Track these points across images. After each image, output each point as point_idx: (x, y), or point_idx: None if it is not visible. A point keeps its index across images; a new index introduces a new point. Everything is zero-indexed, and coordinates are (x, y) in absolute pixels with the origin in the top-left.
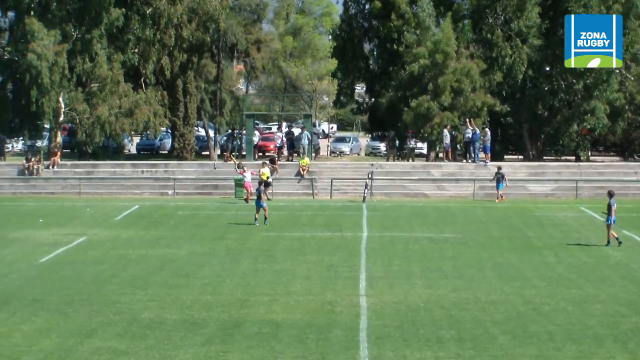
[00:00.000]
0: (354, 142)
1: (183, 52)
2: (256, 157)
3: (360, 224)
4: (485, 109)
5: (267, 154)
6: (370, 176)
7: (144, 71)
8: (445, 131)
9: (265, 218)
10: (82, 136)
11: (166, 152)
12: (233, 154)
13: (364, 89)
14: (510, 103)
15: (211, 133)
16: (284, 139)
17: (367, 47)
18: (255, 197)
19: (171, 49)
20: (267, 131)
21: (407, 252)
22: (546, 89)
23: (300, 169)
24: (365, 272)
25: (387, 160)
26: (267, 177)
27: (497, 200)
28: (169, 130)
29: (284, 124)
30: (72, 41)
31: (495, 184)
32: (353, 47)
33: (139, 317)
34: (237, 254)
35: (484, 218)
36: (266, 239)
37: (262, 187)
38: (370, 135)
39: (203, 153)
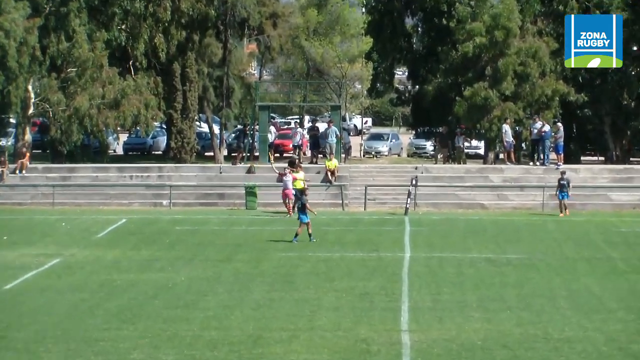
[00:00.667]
0: (394, 140)
1: (181, 28)
2: (272, 159)
3: (402, 242)
4: (557, 98)
5: (286, 154)
6: (414, 182)
7: (133, 52)
8: (506, 126)
9: (310, 234)
10: (56, 133)
11: (160, 152)
12: (270, 152)
13: (406, 74)
14: (588, 91)
15: (216, 129)
16: (306, 136)
17: (409, 22)
18: (297, 209)
19: (167, 25)
20: (286, 126)
21: (460, 277)
22: (633, 73)
23: (327, 174)
24: (407, 302)
25: (436, 163)
26: (304, 184)
27: (561, 215)
28: (164, 126)
29: (306, 117)
30: (45, 15)
31: (557, 193)
32: (392, 22)
33: (128, 358)
34: (248, 280)
35: (556, 234)
36: (284, 260)
37: (306, 197)
38: (413, 132)
39: (206, 154)
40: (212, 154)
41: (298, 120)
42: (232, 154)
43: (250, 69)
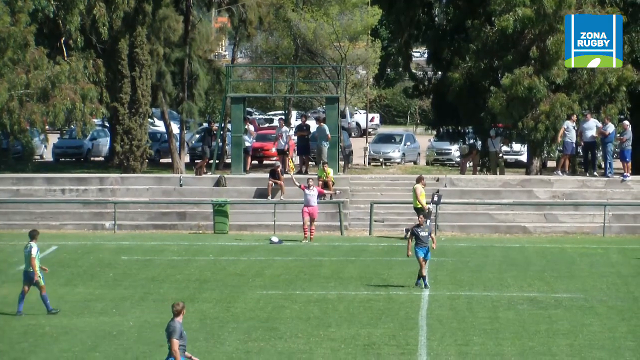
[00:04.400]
0: (408, 143)
1: None
2: (248, 167)
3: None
4: (624, 89)
5: (266, 161)
6: (435, 199)
7: (65, 27)
8: (569, 123)
9: (423, 277)
10: None
11: (102, 159)
12: (289, 157)
13: (425, 56)
14: None
15: (175, 128)
16: (293, 137)
17: None
18: (413, 242)
19: None
20: (267, 125)
21: (495, 323)
22: None
23: (320, 187)
24: (426, 356)
25: (463, 173)
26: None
27: None
28: (107, 124)
29: (294, 113)
30: None
31: None
32: None
33: None
34: (217, 326)
35: (621, 268)
36: (265, 301)
37: (428, 222)
38: (434, 132)
39: (162, 161)
40: (169, 160)
41: (283, 117)
42: (196, 161)
43: (219, 50)
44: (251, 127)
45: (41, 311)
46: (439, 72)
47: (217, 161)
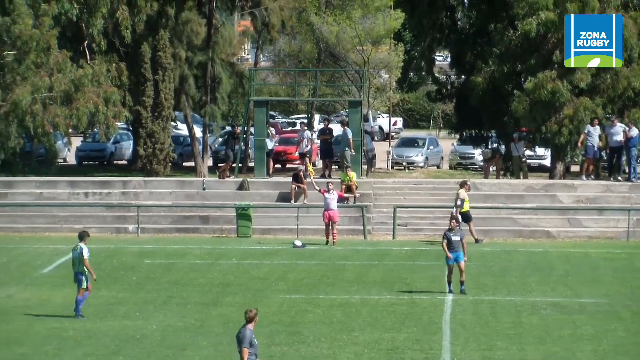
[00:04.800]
0: (431, 148)
1: None
2: (271, 171)
3: (442, 282)
4: None
5: (289, 165)
6: (458, 203)
7: (89, 31)
8: (590, 128)
9: (461, 282)
10: None
11: (125, 162)
12: (308, 160)
13: (448, 60)
14: None
15: (198, 132)
16: (316, 141)
17: None
18: (451, 249)
19: None
20: (290, 129)
21: (519, 329)
22: None
23: (344, 191)
24: None
25: (486, 178)
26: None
27: None
28: (130, 128)
29: (317, 116)
30: None
31: None
32: None
33: None
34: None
35: None
36: (288, 305)
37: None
38: (457, 136)
39: (185, 164)
40: (192, 164)
41: (305, 121)
42: (219, 165)
43: (242, 53)
44: (273, 131)
45: (67, 314)
46: (462, 76)
47: (240, 165)
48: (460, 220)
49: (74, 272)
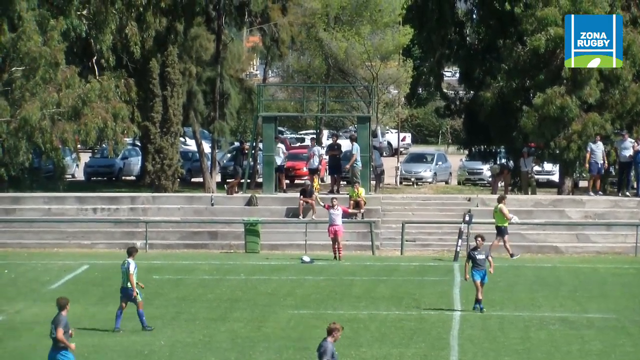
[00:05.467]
0: (440, 163)
1: (161, 15)
2: (283, 187)
3: (450, 297)
4: None
5: (298, 181)
6: (467, 218)
7: (97, 47)
8: (592, 145)
9: (479, 300)
10: None
11: (133, 178)
12: (317, 175)
13: (457, 75)
14: None
15: (206, 147)
16: (325, 156)
17: (462, 6)
18: (477, 267)
19: (141, 10)
20: (298, 144)
21: (527, 344)
22: None
23: (352, 206)
24: None
25: (495, 193)
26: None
27: None
28: (138, 143)
29: (325, 132)
30: None
31: None
32: (439, 7)
33: None
34: (248, 346)
35: None
36: (296, 320)
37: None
38: (466, 152)
39: (193, 180)
40: (200, 179)
41: (314, 137)
42: (228, 181)
43: (251, 69)
44: (283, 147)
45: (74, 331)
46: (471, 92)
47: (248, 180)
48: (476, 238)
49: (121, 286)
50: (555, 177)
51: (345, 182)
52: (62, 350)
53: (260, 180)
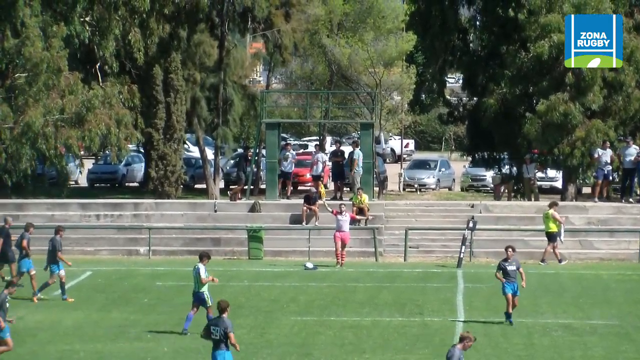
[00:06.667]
0: (443, 169)
1: (164, 21)
2: (289, 193)
3: (453, 304)
4: None
5: (301, 187)
6: (470, 225)
7: (100, 53)
8: (600, 151)
9: (509, 314)
10: (0, 158)
11: (136, 184)
12: (321, 181)
13: (460, 81)
14: None
15: (210, 153)
16: (328, 163)
17: (465, 13)
18: (507, 279)
19: (145, 16)
20: (302, 150)
21: (530, 350)
22: None
23: (355, 213)
24: None
25: (498, 199)
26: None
27: None
28: (142, 150)
29: (328, 138)
30: None
31: None
32: (442, 14)
33: None
34: (252, 352)
35: None
36: (299, 327)
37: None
38: (469, 158)
39: (196, 186)
40: (204, 186)
41: (317, 143)
42: (231, 187)
43: (254, 75)
44: (293, 152)
45: (78, 336)
46: (474, 98)
47: (251, 187)
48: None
49: (193, 291)
50: (558, 184)
51: (348, 189)
52: (225, 351)
53: (263, 186)
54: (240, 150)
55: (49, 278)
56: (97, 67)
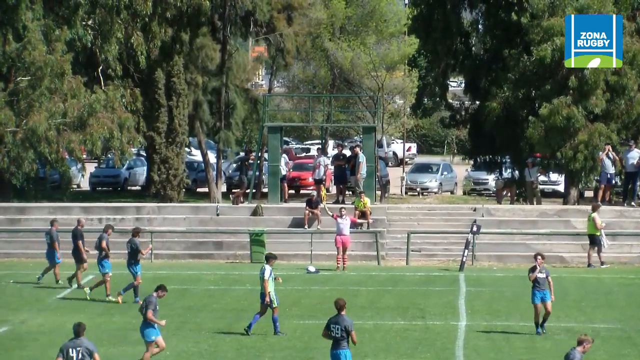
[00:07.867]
0: (445, 173)
1: (166, 25)
2: (286, 197)
3: (456, 307)
4: None
5: (303, 191)
6: (473, 229)
7: (102, 56)
8: (602, 154)
9: (540, 324)
10: (2, 162)
11: (139, 188)
12: (323, 185)
13: (462, 85)
14: None
15: (212, 157)
16: (330, 166)
17: (467, 16)
18: (537, 287)
19: (147, 20)
20: (304, 154)
21: (532, 354)
22: None
23: (357, 217)
24: None
25: (500, 203)
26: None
27: None
28: (144, 153)
29: (330, 142)
30: None
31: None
32: (444, 17)
33: None
34: (254, 356)
35: None
36: (302, 330)
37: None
38: (471, 162)
39: (198, 190)
40: (206, 189)
41: (320, 147)
42: (233, 191)
43: (256, 79)
44: (286, 157)
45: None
46: (476, 102)
47: (253, 191)
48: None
49: (260, 292)
50: (561, 187)
51: (350, 192)
52: (346, 350)
53: (265, 190)
54: (242, 154)
55: (134, 280)
56: (100, 70)
